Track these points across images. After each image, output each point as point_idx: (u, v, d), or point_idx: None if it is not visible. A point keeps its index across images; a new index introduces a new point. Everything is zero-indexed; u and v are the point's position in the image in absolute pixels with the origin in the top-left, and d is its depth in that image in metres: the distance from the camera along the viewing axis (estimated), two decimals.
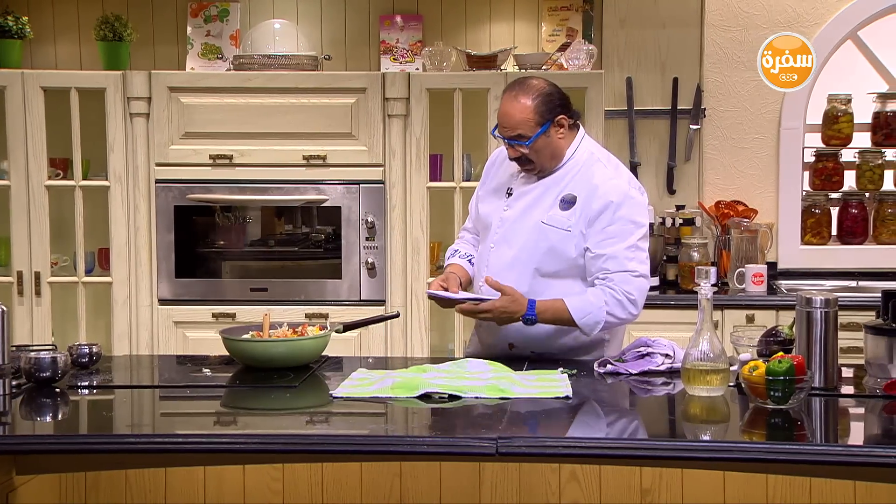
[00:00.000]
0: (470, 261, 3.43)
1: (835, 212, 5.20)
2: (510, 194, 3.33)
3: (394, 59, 5.00)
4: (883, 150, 5.11)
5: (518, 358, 3.25)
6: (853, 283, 5.02)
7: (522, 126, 3.17)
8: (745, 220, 4.97)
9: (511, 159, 3.27)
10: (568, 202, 3.21)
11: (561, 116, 3.22)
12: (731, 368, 2.79)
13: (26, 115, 4.72)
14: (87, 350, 3.13)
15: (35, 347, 3.13)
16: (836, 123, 5.08)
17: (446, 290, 3.25)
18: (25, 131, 4.73)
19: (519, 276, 3.23)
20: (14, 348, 3.01)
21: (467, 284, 3.37)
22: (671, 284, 5.01)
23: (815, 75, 5.02)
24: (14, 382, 2.82)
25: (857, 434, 2.67)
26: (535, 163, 3.24)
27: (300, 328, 3.23)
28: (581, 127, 3.35)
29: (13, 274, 4.78)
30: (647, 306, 4.65)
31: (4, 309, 2.76)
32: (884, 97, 5.08)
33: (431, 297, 3.29)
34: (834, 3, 5.03)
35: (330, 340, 3.25)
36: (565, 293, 3.19)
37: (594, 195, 3.18)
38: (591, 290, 3.18)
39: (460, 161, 4.75)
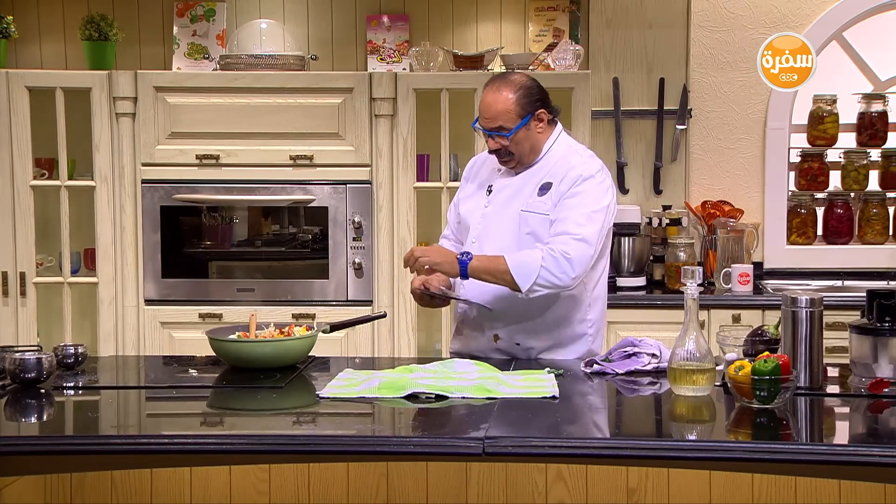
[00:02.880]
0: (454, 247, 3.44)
1: (820, 212, 5.22)
2: (490, 191, 3.38)
3: (381, 59, 5.00)
4: (868, 151, 5.13)
5: (504, 353, 3.28)
6: (838, 283, 5.04)
7: (504, 117, 3.23)
8: (732, 220, 4.98)
9: (491, 152, 3.31)
10: (544, 188, 3.28)
11: (541, 110, 3.28)
12: (717, 368, 2.80)
13: (11, 115, 4.70)
14: (72, 351, 3.12)
15: (20, 348, 3.12)
16: (821, 124, 5.10)
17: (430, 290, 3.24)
18: (10, 131, 4.71)
19: None
20: None
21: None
22: (658, 284, 5.02)
23: None
24: None
25: (842, 433, 2.68)
26: (514, 155, 3.29)
27: (287, 328, 3.23)
28: (559, 123, 3.39)
29: None
30: (633, 306, 4.73)
31: None
32: (869, 98, 5.10)
33: (428, 294, 3.28)
34: (819, 4, 5.05)
35: (317, 341, 3.25)
36: None
37: (565, 176, 3.26)
38: (532, 249, 3.20)
39: (447, 161, 4.75)
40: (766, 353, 2.75)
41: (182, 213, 4.79)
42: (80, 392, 2.96)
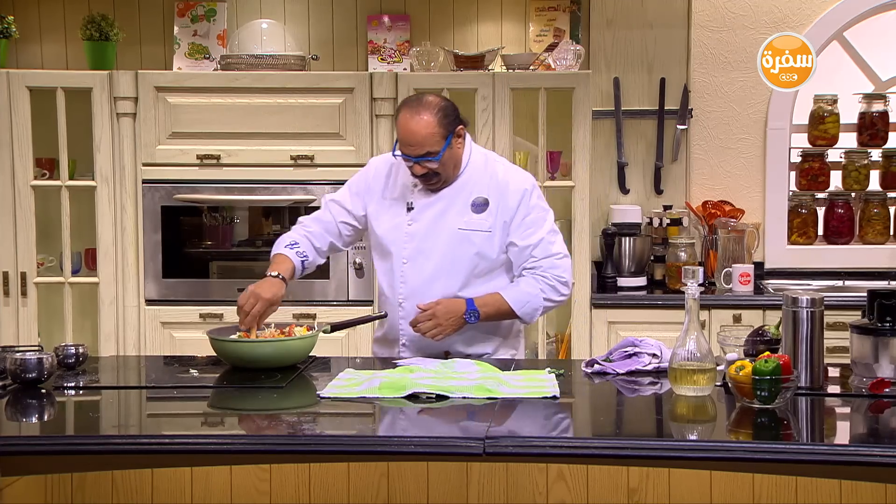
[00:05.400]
0: (303, 262, 3.36)
1: (821, 212, 5.22)
2: (411, 208, 3.33)
3: (381, 59, 5.00)
4: (869, 151, 5.13)
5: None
6: (839, 283, 5.04)
7: (429, 142, 3.19)
8: (732, 220, 4.99)
9: (417, 176, 3.27)
10: (480, 205, 3.29)
11: (459, 126, 3.27)
12: (718, 368, 2.80)
13: (12, 115, 4.70)
14: (73, 351, 3.12)
15: (21, 348, 3.12)
16: (822, 124, 5.10)
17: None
18: (11, 131, 4.71)
19: (445, 286, 3.28)
20: (0, 349, 3.00)
21: (289, 278, 3.32)
22: (658, 284, 5.02)
23: None
24: (0, 384, 2.81)
25: (842, 433, 2.68)
26: (440, 176, 3.27)
27: (287, 328, 3.23)
28: (467, 133, 3.37)
29: None
30: (634, 306, 4.74)
31: None
32: (869, 98, 5.10)
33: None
34: (820, 4, 5.04)
35: (317, 341, 3.25)
36: (495, 290, 3.29)
37: (507, 191, 3.29)
38: (524, 280, 3.30)
39: None
40: (767, 353, 2.75)
41: (183, 213, 4.79)
42: (81, 392, 2.96)
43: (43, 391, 2.89)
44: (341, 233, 3.44)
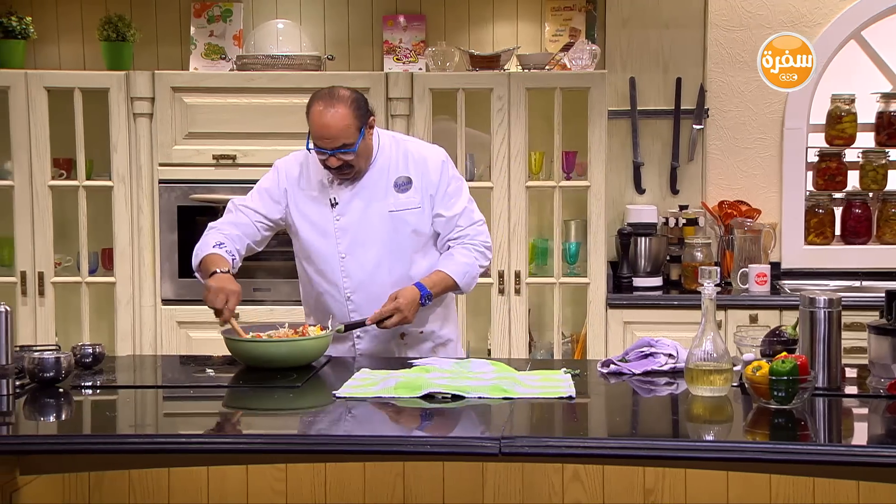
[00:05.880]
0: (233, 261, 3.32)
1: (838, 212, 5.19)
2: (335, 203, 3.35)
3: (397, 59, 5.00)
4: (886, 150, 5.10)
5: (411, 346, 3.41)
6: (857, 283, 5.02)
7: (345, 134, 3.22)
8: (749, 220, 4.97)
9: (332, 169, 3.29)
10: (404, 184, 3.37)
11: (371, 118, 3.32)
12: (735, 368, 2.79)
13: (30, 116, 4.73)
14: (90, 350, 3.13)
15: (38, 348, 3.13)
16: (839, 123, 5.08)
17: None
18: (29, 131, 4.73)
19: (390, 270, 3.35)
20: (18, 348, 3.02)
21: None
22: (674, 284, 5.01)
23: (819, 75, 5.02)
24: (18, 383, 2.83)
25: (860, 434, 2.66)
26: (354, 167, 3.30)
27: (301, 328, 3.23)
28: None
29: (17, 274, 4.78)
30: (649, 306, 4.73)
31: (8, 309, 2.76)
32: (887, 97, 5.07)
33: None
34: (837, 3, 5.02)
35: (332, 340, 3.25)
36: (430, 265, 3.38)
37: (426, 166, 3.38)
38: (457, 251, 3.39)
39: (464, 161, 4.75)
40: (784, 353, 2.73)
41: (199, 213, 4.80)
42: (98, 391, 2.98)
43: (60, 390, 2.90)
44: (259, 232, 3.42)
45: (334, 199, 3.36)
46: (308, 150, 3.32)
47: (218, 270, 3.22)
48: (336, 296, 3.38)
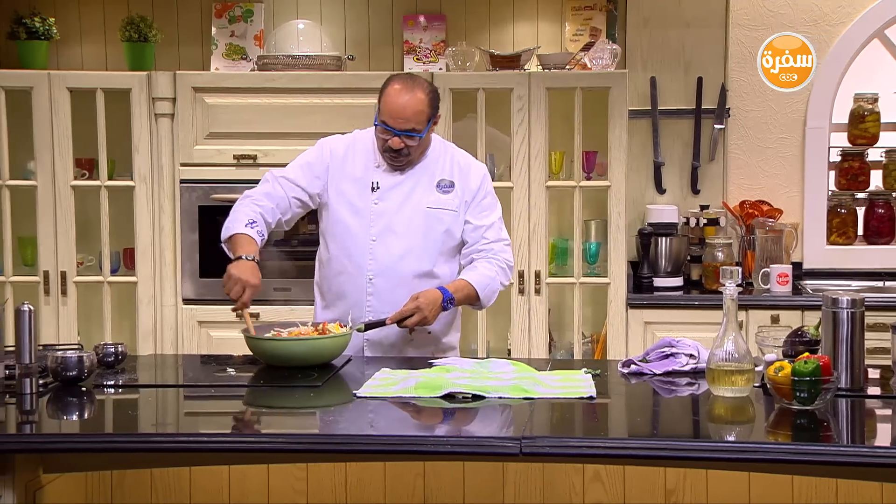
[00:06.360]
0: (262, 241, 3.35)
1: (861, 212, 5.16)
2: (376, 187, 3.38)
3: (417, 59, 5.01)
4: None
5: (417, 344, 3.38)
6: (879, 284, 4.98)
7: (416, 119, 3.29)
8: (770, 219, 4.94)
9: (391, 151, 3.32)
10: (447, 186, 3.41)
11: (438, 114, 3.39)
12: (756, 369, 2.78)
13: (52, 116, 4.76)
14: (112, 349, 3.15)
15: (61, 347, 3.15)
16: (862, 122, 5.04)
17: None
18: (52, 132, 4.76)
19: (415, 262, 3.36)
20: (41, 347, 3.04)
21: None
22: (695, 284, 4.99)
23: (841, 74, 4.99)
24: (41, 381, 2.84)
25: (883, 435, 2.65)
26: (410, 155, 3.35)
27: (321, 326, 3.24)
28: None
29: (39, 273, 4.81)
30: (670, 306, 4.71)
31: (31, 308, 2.78)
32: None
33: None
34: (860, 2, 4.99)
35: (352, 340, 3.26)
36: (450, 271, 3.42)
37: (469, 174, 3.44)
38: (480, 264, 3.40)
39: (483, 161, 4.74)
40: (807, 353, 2.72)
41: (220, 213, 4.78)
42: (120, 390, 2.99)
43: (83, 389, 2.91)
44: (291, 208, 3.44)
45: (377, 183, 3.39)
46: (375, 125, 3.35)
47: (244, 256, 3.23)
48: (357, 278, 3.38)
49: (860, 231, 5.16)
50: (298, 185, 3.43)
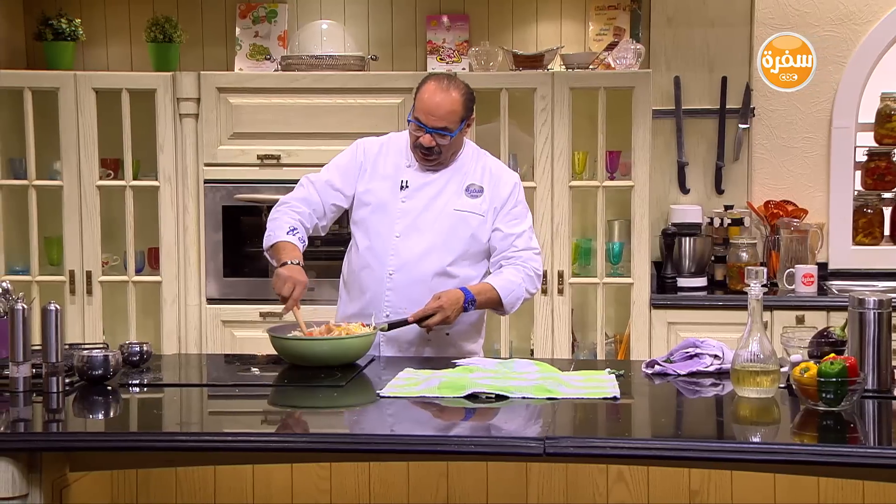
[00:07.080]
0: (303, 248, 3.36)
1: (887, 212, 5.12)
2: (405, 186, 3.39)
3: (440, 59, 5.01)
4: None
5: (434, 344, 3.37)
6: None
7: (450, 118, 3.31)
8: (795, 220, 4.91)
9: (422, 148, 3.34)
10: (476, 191, 3.42)
11: (472, 116, 3.40)
12: (782, 370, 2.76)
13: (78, 117, 4.79)
14: (137, 349, 3.16)
15: (87, 346, 3.17)
16: (889, 122, 5.01)
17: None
18: (78, 132, 4.79)
19: (436, 262, 3.36)
20: (67, 347, 3.06)
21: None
22: (719, 285, 4.97)
23: (868, 73, 4.96)
24: (67, 380, 2.86)
25: None
26: (441, 155, 3.36)
27: (345, 325, 3.25)
28: None
29: (65, 273, 4.85)
30: (694, 306, 4.69)
31: (58, 308, 2.80)
32: None
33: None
34: (887, 0, 4.95)
35: (376, 339, 3.26)
36: (474, 275, 3.41)
37: (500, 182, 3.44)
38: (507, 270, 3.40)
39: (507, 161, 4.74)
40: (833, 354, 2.70)
41: (243, 213, 4.84)
42: (145, 389, 3.00)
43: (108, 388, 2.93)
44: (327, 214, 3.46)
45: (406, 181, 3.41)
46: (408, 121, 3.37)
47: (289, 262, 3.26)
48: (378, 272, 3.39)
49: (886, 231, 5.12)
50: (334, 186, 3.45)
